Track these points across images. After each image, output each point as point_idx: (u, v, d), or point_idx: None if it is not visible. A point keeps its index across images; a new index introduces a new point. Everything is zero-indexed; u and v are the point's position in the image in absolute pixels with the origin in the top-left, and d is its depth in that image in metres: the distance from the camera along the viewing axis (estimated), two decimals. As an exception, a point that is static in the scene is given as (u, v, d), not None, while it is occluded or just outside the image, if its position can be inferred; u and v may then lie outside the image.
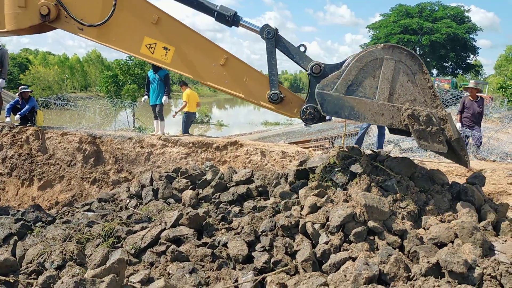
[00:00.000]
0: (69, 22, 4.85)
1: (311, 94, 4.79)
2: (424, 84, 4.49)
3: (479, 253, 3.68)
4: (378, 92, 4.49)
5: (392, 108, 4.49)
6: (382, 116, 4.51)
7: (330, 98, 4.55)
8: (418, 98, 4.48)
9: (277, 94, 4.86)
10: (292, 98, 5.03)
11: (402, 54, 4.46)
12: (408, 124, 4.41)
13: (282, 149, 8.13)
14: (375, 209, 4.23)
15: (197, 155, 8.28)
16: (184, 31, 4.93)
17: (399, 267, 3.51)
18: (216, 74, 4.96)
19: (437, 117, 4.41)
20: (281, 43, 4.86)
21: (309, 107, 4.81)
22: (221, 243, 4.40)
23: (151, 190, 6.36)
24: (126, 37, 4.91)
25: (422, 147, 4.46)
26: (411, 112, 4.38)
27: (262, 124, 47.51)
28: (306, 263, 4.00)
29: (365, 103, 4.50)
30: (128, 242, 4.59)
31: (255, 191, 6.02)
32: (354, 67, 4.49)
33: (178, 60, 4.91)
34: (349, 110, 4.53)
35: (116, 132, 9.24)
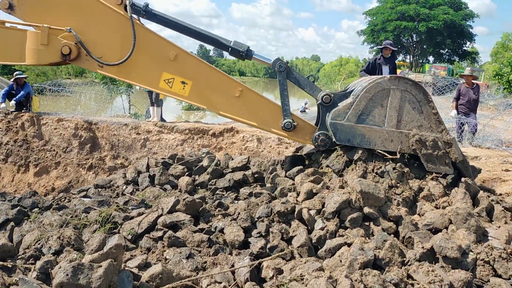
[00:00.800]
0: (89, 60, 4.97)
1: (322, 122, 5.12)
2: (429, 111, 4.80)
3: (473, 238, 3.73)
4: (387, 120, 4.79)
5: (401, 134, 4.79)
6: (392, 142, 4.80)
7: (343, 127, 4.84)
8: (424, 124, 4.80)
9: (290, 122, 5.13)
10: (304, 125, 5.30)
11: (407, 84, 4.78)
12: (416, 148, 4.71)
13: (278, 136, 8.13)
14: (371, 195, 4.26)
15: (193, 141, 8.28)
16: (201, 66, 5.15)
17: (394, 252, 3.55)
18: (231, 106, 5.20)
19: (443, 141, 4.74)
20: (292, 75, 5.21)
21: (321, 135, 5.09)
22: (217, 229, 4.43)
23: (147, 176, 6.37)
24: (145, 74, 5.10)
25: (429, 169, 4.70)
26: (418, 138, 4.70)
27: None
28: (302, 249, 4.03)
29: (375, 131, 4.81)
30: (125, 227, 4.61)
31: (251, 178, 6.05)
32: (363, 98, 4.78)
33: (195, 94, 5.13)
34: (361, 137, 4.82)
35: (112, 119, 9.20)
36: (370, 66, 8.61)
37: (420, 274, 3.26)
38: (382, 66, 8.47)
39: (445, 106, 12.40)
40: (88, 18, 4.90)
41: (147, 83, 5.16)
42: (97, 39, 4.94)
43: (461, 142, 9.10)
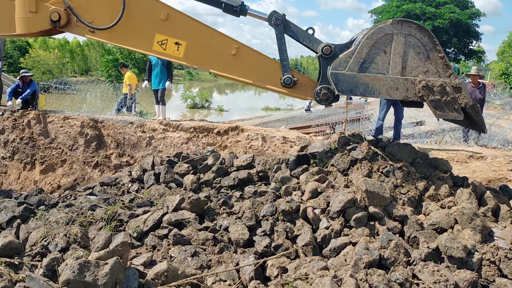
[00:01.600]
0: (79, 26, 4.91)
1: (323, 75, 4.88)
2: (435, 55, 4.55)
3: (479, 238, 3.72)
4: (391, 67, 4.56)
5: (406, 81, 4.57)
6: (397, 90, 4.59)
7: (344, 77, 4.61)
8: (431, 70, 4.55)
9: (290, 78, 4.94)
10: (304, 81, 5.11)
11: (411, 28, 4.52)
12: (423, 95, 4.51)
13: (283, 135, 8.14)
14: (376, 195, 4.25)
15: (198, 140, 8.30)
16: (194, 24, 5.00)
17: (399, 252, 3.54)
18: (228, 65, 5.04)
19: (451, 86, 4.50)
20: (290, 28, 4.95)
21: (323, 88, 4.89)
22: (222, 227, 4.44)
23: (152, 174, 6.39)
24: (138, 36, 5.00)
25: (438, 116, 4.55)
26: (425, 84, 4.48)
27: (262, 109, 47.45)
28: (306, 248, 4.04)
29: (379, 79, 4.58)
30: (131, 225, 4.63)
31: (256, 176, 6.05)
32: (365, 45, 4.55)
33: (190, 54, 5.00)
34: (364, 87, 4.60)
35: (117, 117, 9.24)
36: None
37: (425, 274, 3.25)
38: None
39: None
40: None
41: (140, 46, 5.05)
42: (86, 4, 4.86)
43: (467, 142, 9.06)
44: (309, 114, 25.45)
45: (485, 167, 6.70)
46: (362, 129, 12.10)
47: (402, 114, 8.31)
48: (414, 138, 10.26)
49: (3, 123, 9.35)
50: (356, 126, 13.12)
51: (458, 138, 9.66)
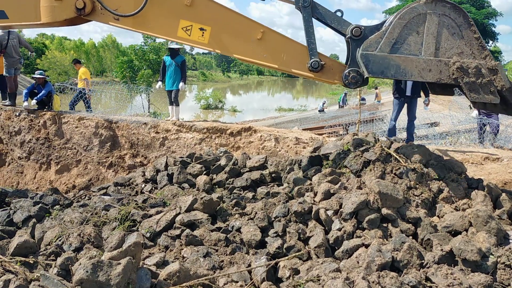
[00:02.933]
0: (104, 14, 4.93)
1: (352, 58, 4.76)
2: (470, 36, 4.39)
3: (494, 241, 3.66)
4: (424, 48, 4.41)
5: (439, 63, 4.40)
6: (430, 72, 4.42)
7: (375, 58, 4.45)
8: (465, 51, 4.39)
9: (317, 62, 4.82)
10: (332, 65, 4.96)
11: (445, 7, 4.37)
12: (457, 77, 4.33)
13: (296, 136, 8.12)
14: (389, 197, 4.22)
15: (211, 140, 8.32)
16: (219, 9, 4.94)
17: (412, 255, 3.51)
18: (254, 49, 4.96)
19: (487, 68, 4.33)
20: (317, 10, 4.86)
21: (351, 71, 4.75)
22: (234, 228, 4.45)
23: (166, 175, 6.43)
24: (162, 23, 4.97)
25: (473, 99, 4.35)
26: (459, 65, 4.31)
27: (275, 110, 47.48)
28: (319, 249, 4.02)
29: (411, 60, 4.42)
30: (144, 225, 4.67)
31: (269, 177, 6.05)
32: (397, 25, 4.41)
33: (215, 40, 4.94)
34: (395, 68, 4.45)
35: (131, 117, 9.32)
36: None
37: (438, 277, 3.22)
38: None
39: (466, 106, 12.19)
40: None
41: (165, 32, 5.00)
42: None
43: (483, 143, 8.93)
44: (322, 115, 25.39)
45: (501, 169, 6.60)
46: (376, 130, 12.01)
47: (415, 115, 8.23)
48: (428, 139, 10.15)
49: (20, 124, 9.50)
50: (370, 127, 13.04)
51: (473, 139, 9.52)
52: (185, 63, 9.67)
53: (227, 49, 5.00)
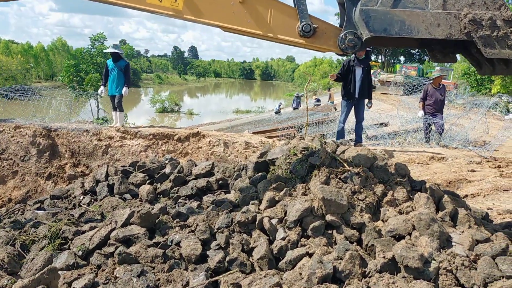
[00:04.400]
0: None
1: (348, 19, 4.23)
2: None
3: (436, 245, 3.61)
4: (431, 0, 3.91)
5: (449, 16, 3.88)
6: (439, 27, 3.90)
7: (376, 14, 3.92)
8: (477, 1, 3.88)
9: (309, 25, 4.22)
10: (326, 28, 4.35)
11: None
12: (470, 31, 3.82)
13: (245, 140, 7.95)
14: (333, 202, 4.11)
15: (158, 147, 8.00)
16: None
17: (354, 264, 3.40)
18: (235, 14, 4.32)
19: (502, 19, 3.83)
20: None
21: (348, 34, 4.18)
22: (174, 242, 4.19)
23: (106, 185, 6.08)
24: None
25: (489, 55, 3.84)
26: (472, 17, 3.81)
27: (233, 112, 47.39)
28: (262, 261, 3.85)
29: (417, 15, 3.90)
30: (76, 243, 4.33)
31: (216, 184, 5.85)
32: None
33: (191, 5, 4.27)
34: (400, 24, 3.92)
35: (72, 125, 8.82)
36: (345, 69, 8.42)
37: (380, 287, 3.11)
38: (356, 68, 8.33)
39: (414, 106, 12.46)
40: None
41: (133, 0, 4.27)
42: None
43: (429, 142, 9.11)
44: (278, 116, 25.43)
45: (445, 168, 6.70)
46: (329, 131, 12.06)
47: (363, 116, 8.27)
48: (377, 139, 10.26)
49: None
50: (324, 128, 13.10)
51: (421, 139, 9.71)
52: (128, 67, 9.29)
53: (205, 15, 4.31)
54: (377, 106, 16.90)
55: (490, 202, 6.11)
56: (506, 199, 6.19)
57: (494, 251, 3.51)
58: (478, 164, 7.43)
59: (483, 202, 6.08)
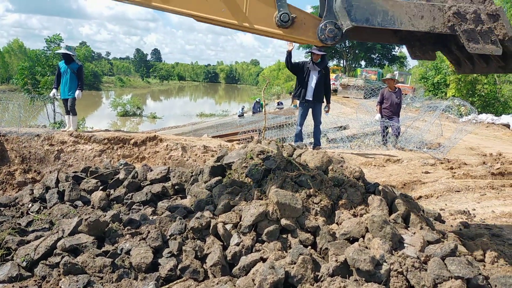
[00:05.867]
0: None
1: (328, 8, 3.98)
2: None
3: (388, 247, 3.63)
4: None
5: (433, 8, 3.73)
6: (422, 19, 3.73)
7: (359, 3, 3.74)
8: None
9: (287, 14, 3.96)
10: (304, 17, 4.10)
11: None
12: (454, 24, 3.67)
13: (204, 144, 7.83)
14: (288, 206, 4.07)
15: (113, 152, 7.76)
16: None
17: (307, 268, 3.37)
18: (209, 2, 3.99)
19: (486, 13, 3.71)
20: None
21: (329, 24, 3.95)
22: (123, 250, 4.04)
23: (56, 192, 5.81)
24: None
25: (472, 50, 3.71)
26: (456, 10, 3.67)
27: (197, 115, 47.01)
28: (215, 268, 3.76)
29: (400, 5, 3.74)
30: (20, 253, 4.10)
31: (172, 190, 5.71)
32: None
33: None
34: (382, 14, 3.73)
35: (22, 129, 8.42)
36: (299, 67, 8.39)
37: (331, 291, 3.09)
38: (311, 71, 8.38)
39: (372, 109, 12.71)
40: None
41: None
42: None
43: (386, 145, 9.29)
44: (241, 120, 25.40)
45: (401, 170, 6.83)
46: (289, 135, 12.10)
47: (320, 119, 8.33)
48: (337, 142, 10.37)
49: None
50: (286, 132, 13.13)
51: (378, 141, 9.89)
52: (82, 70, 8.97)
53: (176, 3, 3.96)
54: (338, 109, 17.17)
55: (442, 203, 6.27)
56: (458, 199, 6.37)
57: (443, 252, 3.57)
58: (432, 166, 7.63)
59: (436, 203, 6.23)
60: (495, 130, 17.17)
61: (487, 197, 6.64)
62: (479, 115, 20.38)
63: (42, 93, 21.05)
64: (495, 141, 13.80)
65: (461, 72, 4.45)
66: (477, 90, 27.72)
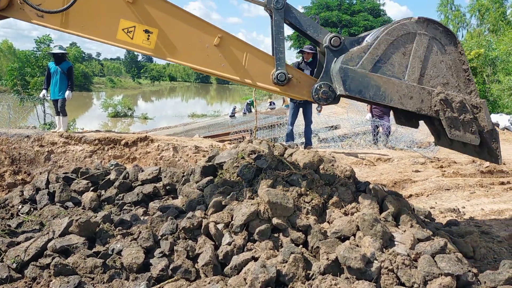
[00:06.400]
0: (24, 10, 4.00)
1: (326, 71, 4.25)
2: (458, 66, 4.02)
3: (378, 245, 3.67)
4: (408, 72, 3.97)
5: (422, 91, 3.97)
6: (411, 100, 3.98)
7: (355, 74, 3.95)
8: (451, 82, 4.01)
9: (284, 74, 4.24)
10: (300, 77, 4.42)
11: (437, 30, 3.96)
12: (439, 110, 3.92)
13: (195, 144, 7.82)
14: (279, 206, 4.09)
15: (104, 152, 7.72)
16: (168, 9, 4.21)
17: (298, 267, 3.39)
18: (210, 57, 4.28)
19: (471, 104, 3.96)
20: (292, 14, 4.27)
21: (324, 85, 4.21)
22: (115, 251, 4.02)
23: (46, 193, 5.77)
24: (98, 22, 4.13)
25: (453, 136, 3.96)
26: (444, 97, 3.90)
27: (189, 116, 46.89)
28: (206, 267, 3.77)
29: (393, 83, 3.96)
30: (10, 255, 4.06)
31: (163, 190, 5.69)
32: (383, 41, 3.93)
33: (163, 45, 4.21)
34: (375, 89, 3.96)
35: (12, 130, 8.35)
36: None
37: (323, 289, 3.11)
38: (304, 71, 8.40)
39: (363, 109, 12.78)
40: None
41: (102, 34, 4.17)
42: None
43: (376, 144, 9.34)
44: (233, 120, 25.37)
45: (391, 169, 6.88)
46: (281, 135, 12.12)
47: (311, 119, 8.36)
48: (328, 142, 10.42)
49: None
50: (277, 132, 13.15)
51: (369, 141, 9.95)
52: (72, 70, 8.92)
53: (178, 56, 4.28)
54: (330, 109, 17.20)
55: (433, 201, 6.33)
56: (447, 198, 6.44)
57: (433, 249, 3.61)
58: (422, 165, 7.70)
59: (426, 201, 6.28)
60: (484, 129, 17.28)
61: (476, 195, 6.71)
62: (468, 115, 20.52)
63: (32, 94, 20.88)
64: (485, 140, 13.88)
65: (440, 144, 4.65)
66: (467, 90, 27.91)
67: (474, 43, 29.02)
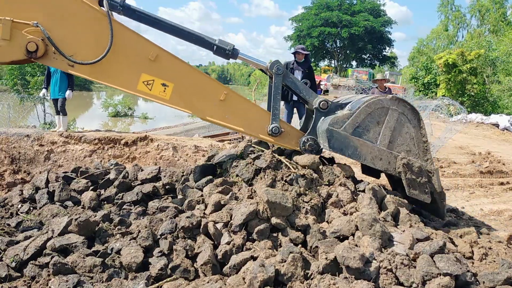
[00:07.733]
0: (57, 59, 4.44)
1: (313, 127, 5.06)
2: (419, 138, 4.92)
3: (377, 245, 3.67)
4: (380, 138, 4.81)
5: (390, 155, 4.83)
6: (380, 161, 4.83)
7: (338, 136, 4.73)
8: (413, 150, 4.90)
9: (278, 127, 5.01)
10: (290, 130, 5.20)
11: (406, 108, 4.86)
12: (401, 172, 4.74)
13: (195, 143, 7.83)
14: (278, 205, 4.09)
15: (104, 152, 7.72)
16: (183, 67, 4.88)
17: (297, 266, 3.39)
18: (216, 110, 4.98)
19: (426, 170, 4.85)
20: (289, 79, 5.14)
21: (310, 139, 5.01)
22: (114, 250, 4.03)
23: (46, 192, 5.78)
24: (122, 75, 4.69)
25: (410, 194, 4.75)
26: (406, 162, 4.75)
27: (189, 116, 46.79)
28: (205, 267, 3.77)
29: (367, 146, 4.79)
30: (9, 254, 4.06)
31: (162, 190, 5.69)
32: (363, 111, 4.75)
33: (177, 97, 4.84)
34: (353, 149, 4.76)
35: (11, 129, 8.35)
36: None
37: (321, 289, 3.11)
38: (295, 71, 8.41)
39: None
40: (58, 12, 4.39)
41: (124, 85, 4.73)
42: (67, 36, 4.44)
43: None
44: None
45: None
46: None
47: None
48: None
49: None
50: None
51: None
52: (72, 69, 8.91)
53: (189, 107, 4.93)
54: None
55: (432, 201, 6.30)
56: (447, 198, 6.42)
57: (432, 249, 3.61)
58: (422, 165, 7.65)
59: (426, 201, 6.25)
60: (484, 129, 17.37)
61: (475, 195, 6.71)
62: (468, 115, 20.59)
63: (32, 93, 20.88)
64: (484, 140, 13.96)
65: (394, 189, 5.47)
66: (467, 90, 27.99)
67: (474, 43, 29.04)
